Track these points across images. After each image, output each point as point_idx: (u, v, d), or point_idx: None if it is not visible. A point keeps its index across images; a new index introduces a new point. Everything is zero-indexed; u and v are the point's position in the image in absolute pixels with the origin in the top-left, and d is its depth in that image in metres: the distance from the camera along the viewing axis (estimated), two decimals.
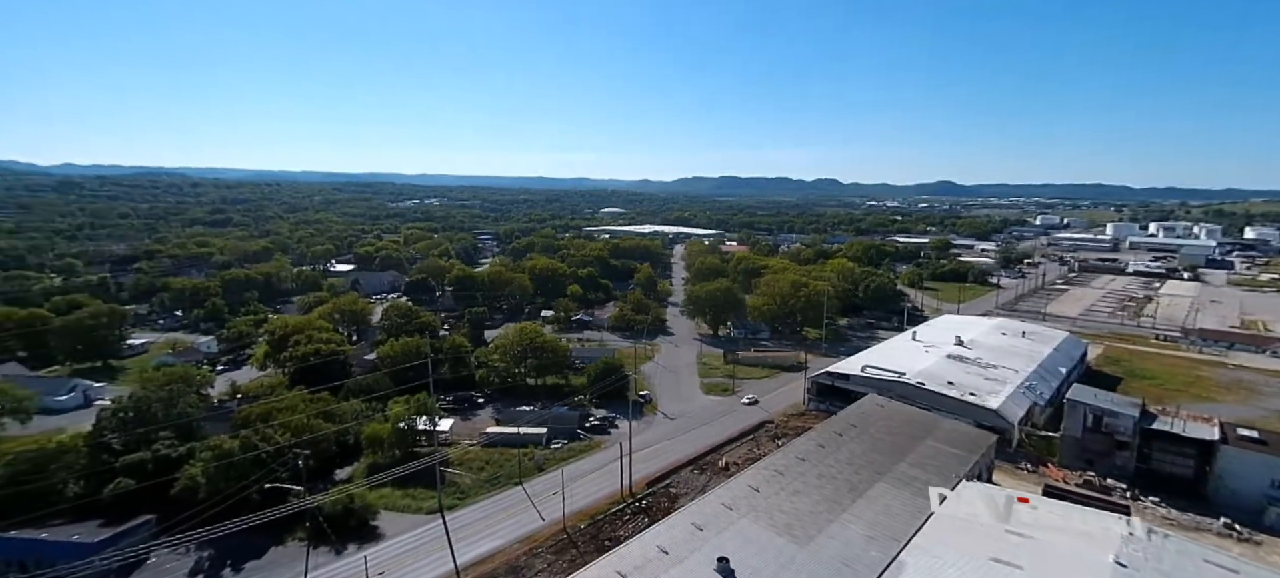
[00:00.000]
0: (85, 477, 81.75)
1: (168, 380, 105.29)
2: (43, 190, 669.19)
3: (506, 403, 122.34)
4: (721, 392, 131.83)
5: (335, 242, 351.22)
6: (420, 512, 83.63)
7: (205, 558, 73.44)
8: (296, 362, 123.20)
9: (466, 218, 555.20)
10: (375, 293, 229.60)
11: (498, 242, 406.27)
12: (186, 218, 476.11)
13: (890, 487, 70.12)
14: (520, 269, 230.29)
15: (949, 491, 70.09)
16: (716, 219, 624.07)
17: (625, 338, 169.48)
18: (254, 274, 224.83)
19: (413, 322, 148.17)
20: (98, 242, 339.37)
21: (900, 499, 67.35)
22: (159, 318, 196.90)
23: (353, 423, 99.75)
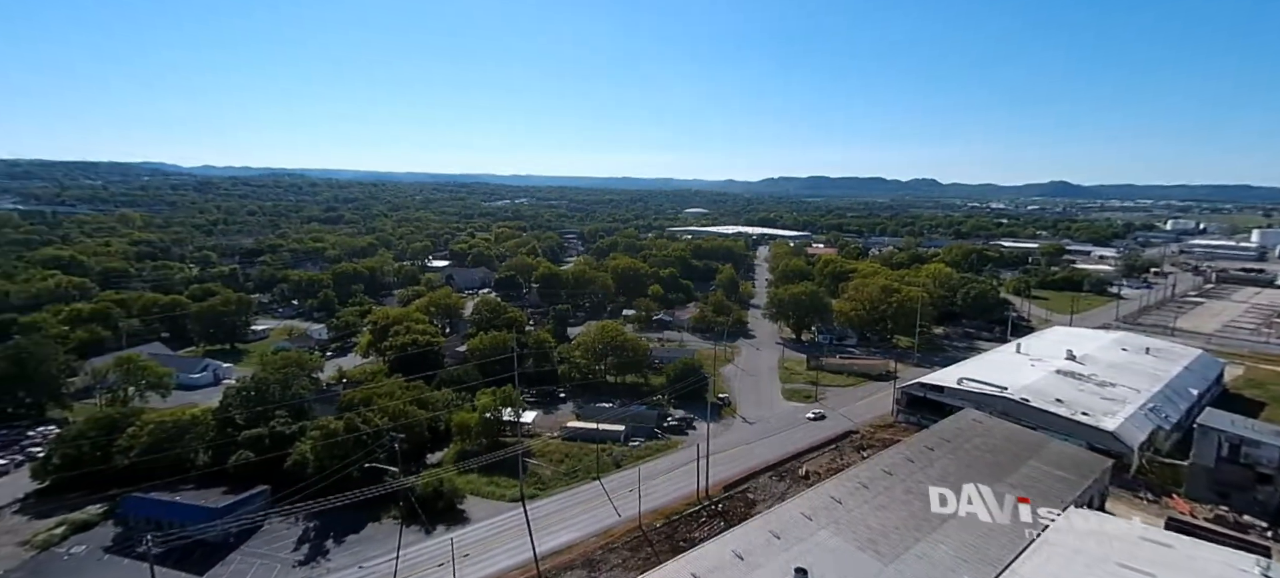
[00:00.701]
0: (212, 448, 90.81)
1: (284, 364, 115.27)
2: (185, 189, 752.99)
3: (587, 399, 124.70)
4: (803, 398, 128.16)
5: (433, 239, 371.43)
6: (503, 500, 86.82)
7: (311, 529, 79.67)
8: (395, 351, 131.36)
9: (553, 217, 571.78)
10: (467, 288, 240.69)
11: (582, 241, 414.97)
12: (304, 215, 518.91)
13: None
14: (603, 268, 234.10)
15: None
16: (803, 220, 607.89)
17: (705, 339, 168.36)
18: (360, 268, 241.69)
19: (501, 317, 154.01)
20: (229, 236, 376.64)
21: (999, 524, 62.74)
22: (278, 306, 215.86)
23: (444, 411, 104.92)
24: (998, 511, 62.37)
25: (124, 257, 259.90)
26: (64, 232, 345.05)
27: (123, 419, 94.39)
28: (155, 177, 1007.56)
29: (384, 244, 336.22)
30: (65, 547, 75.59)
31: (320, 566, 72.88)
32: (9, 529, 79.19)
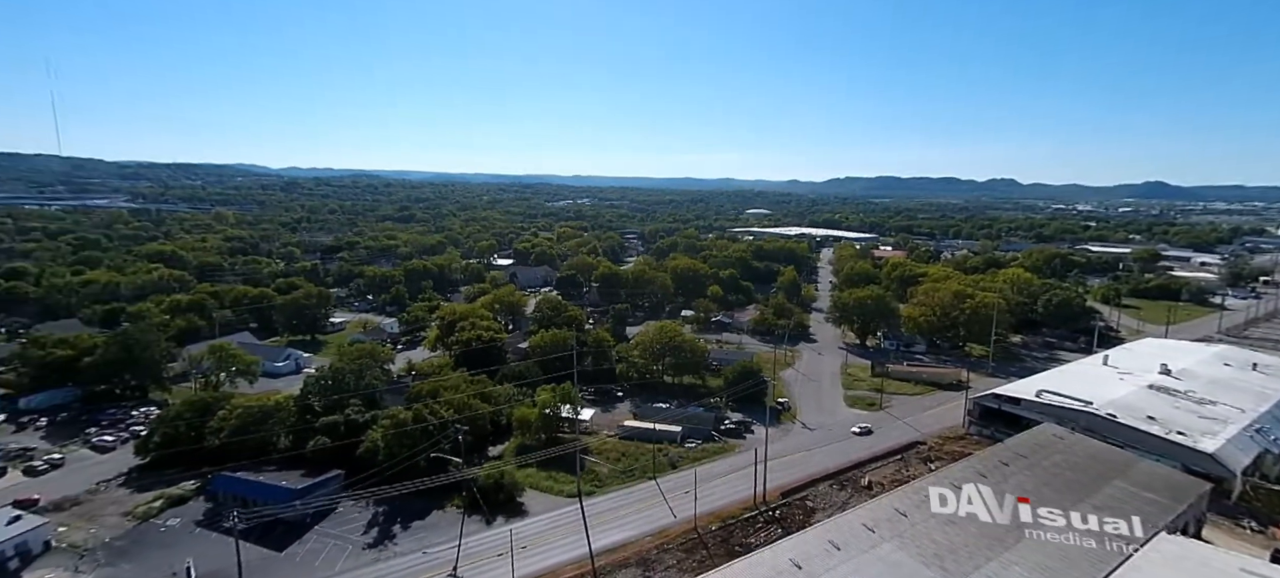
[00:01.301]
0: (292, 432, 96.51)
1: (358, 355, 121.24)
2: (273, 189, 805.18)
3: (644, 398, 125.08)
4: (867, 405, 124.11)
5: (498, 238, 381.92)
6: (560, 495, 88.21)
7: (380, 513, 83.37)
8: (461, 346, 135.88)
9: (614, 217, 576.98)
10: (529, 286, 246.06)
11: (642, 241, 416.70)
12: (379, 214, 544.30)
13: None
14: (662, 268, 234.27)
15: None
16: (870, 222, 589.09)
17: (765, 342, 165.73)
18: (430, 266, 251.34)
19: (561, 315, 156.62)
20: (311, 233, 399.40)
21: (1079, 547, 58.78)
22: (354, 301, 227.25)
23: (505, 405, 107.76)
24: (998, 511, 61.22)
25: (218, 252, 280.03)
26: (166, 228, 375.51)
27: (214, 403, 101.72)
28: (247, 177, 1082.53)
29: (452, 242, 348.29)
30: (162, 519, 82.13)
31: (388, 549, 76.17)
32: (114, 501, 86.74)
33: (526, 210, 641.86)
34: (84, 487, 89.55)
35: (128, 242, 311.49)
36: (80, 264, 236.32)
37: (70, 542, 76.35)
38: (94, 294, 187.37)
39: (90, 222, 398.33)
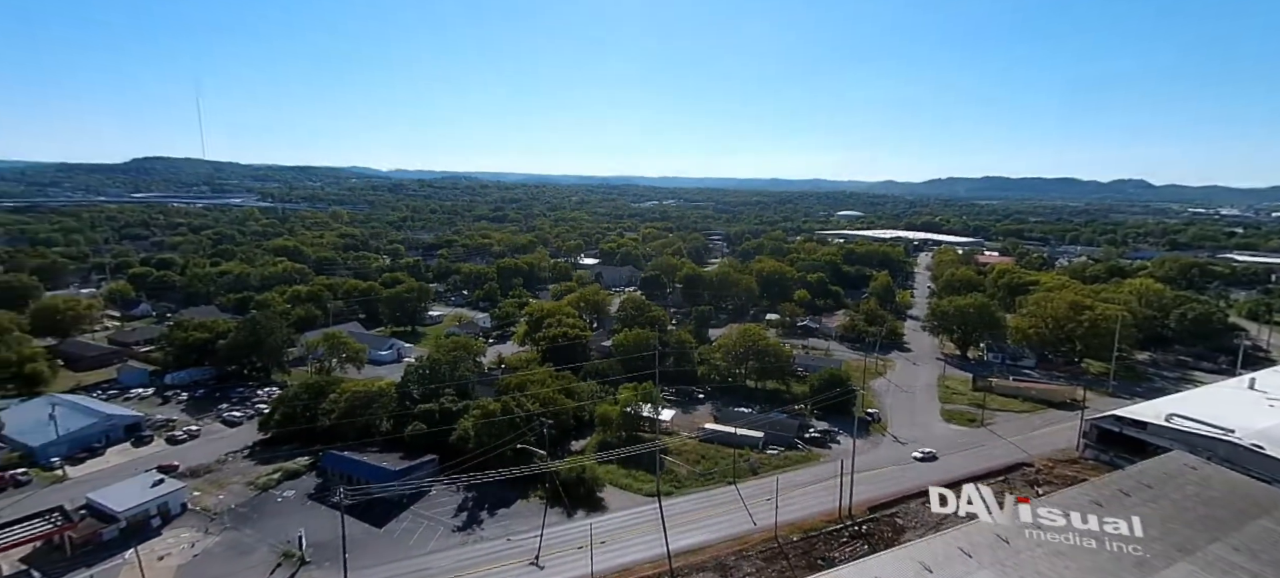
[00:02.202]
0: (393, 417, 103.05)
1: (453, 347, 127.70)
2: (381, 190, 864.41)
3: (725, 402, 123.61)
4: (966, 421, 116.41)
5: (584, 238, 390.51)
6: (639, 493, 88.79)
7: (469, 499, 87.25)
8: (547, 341, 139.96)
9: (699, 219, 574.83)
10: (614, 286, 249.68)
11: (727, 242, 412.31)
12: (475, 214, 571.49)
13: (1199, 573, 54.85)
14: (747, 271, 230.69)
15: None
16: (974, 225, 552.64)
17: (854, 350, 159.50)
18: (520, 264, 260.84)
19: (644, 315, 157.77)
20: (414, 231, 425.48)
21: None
22: (451, 295, 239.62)
23: (588, 401, 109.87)
24: (997, 511, 59.66)
25: (333, 247, 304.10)
26: (290, 225, 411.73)
27: (326, 386, 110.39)
28: (359, 179, 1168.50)
29: (542, 242, 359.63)
30: (279, 490, 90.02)
31: (474, 533, 79.61)
32: (239, 471, 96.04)
33: (613, 211, 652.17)
34: (215, 457, 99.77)
35: (257, 237, 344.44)
36: (217, 256, 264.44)
37: (202, 506, 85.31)
38: (228, 284, 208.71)
39: (226, 219, 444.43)
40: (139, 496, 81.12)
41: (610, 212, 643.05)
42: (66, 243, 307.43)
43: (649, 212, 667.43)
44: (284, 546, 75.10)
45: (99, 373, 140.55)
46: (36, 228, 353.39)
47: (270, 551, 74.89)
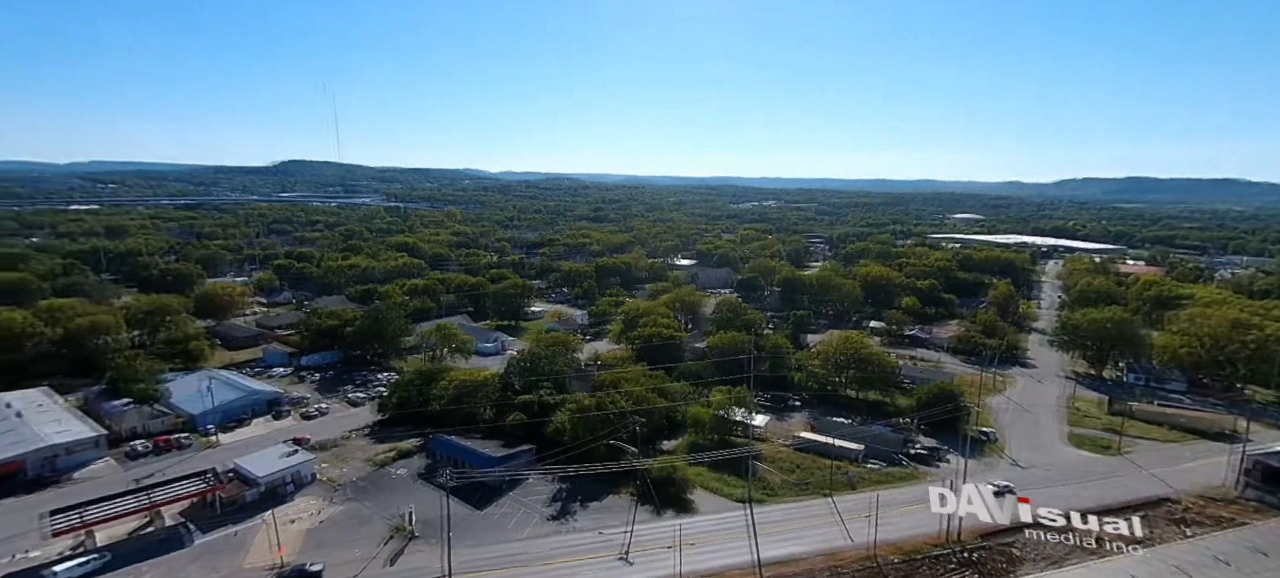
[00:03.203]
0: (495, 406, 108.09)
1: (552, 343, 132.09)
2: (491, 191, 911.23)
3: (822, 411, 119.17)
4: (1098, 448, 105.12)
5: (681, 238, 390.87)
6: (729, 498, 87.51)
7: (563, 490, 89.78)
8: (641, 340, 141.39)
9: (799, 221, 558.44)
10: (709, 287, 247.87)
11: (829, 245, 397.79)
12: (575, 214, 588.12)
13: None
14: (850, 275, 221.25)
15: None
16: (1113, 231, 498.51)
17: (968, 363, 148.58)
18: (617, 263, 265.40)
19: (739, 317, 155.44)
20: (518, 230, 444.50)
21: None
22: (551, 292, 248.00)
23: (680, 402, 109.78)
24: (997, 511, 60.12)
25: (446, 245, 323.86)
26: (409, 223, 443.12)
27: (436, 374, 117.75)
28: (470, 181, 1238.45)
29: (638, 242, 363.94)
30: (392, 468, 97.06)
31: (567, 523, 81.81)
32: (359, 448, 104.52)
33: (710, 212, 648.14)
34: (340, 433, 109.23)
35: (381, 234, 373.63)
36: (347, 251, 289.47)
37: (328, 477, 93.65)
38: (355, 276, 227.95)
39: (355, 216, 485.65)
40: (276, 464, 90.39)
41: (707, 213, 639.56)
42: (224, 236, 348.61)
43: (747, 213, 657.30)
44: (396, 520, 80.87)
45: (247, 352, 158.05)
46: (201, 223, 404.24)
47: (384, 523, 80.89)
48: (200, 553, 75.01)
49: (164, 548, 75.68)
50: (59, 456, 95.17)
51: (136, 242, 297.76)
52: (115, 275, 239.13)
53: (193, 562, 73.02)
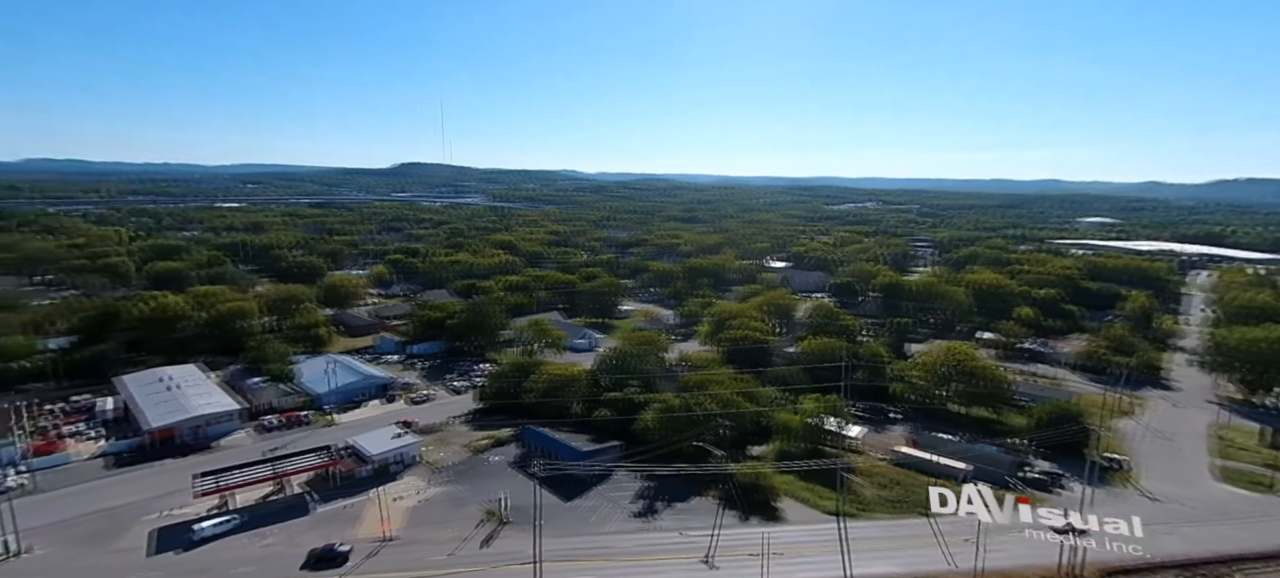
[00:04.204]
0: (583, 401, 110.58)
1: (641, 341, 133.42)
2: (586, 191, 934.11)
3: (923, 425, 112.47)
4: (1253, 484, 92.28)
5: (773, 240, 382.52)
6: (818, 509, 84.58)
7: (648, 488, 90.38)
8: (730, 343, 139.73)
9: (901, 223, 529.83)
10: (802, 291, 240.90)
11: (935, 250, 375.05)
12: (667, 215, 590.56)
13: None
14: (957, 282, 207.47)
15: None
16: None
17: (1094, 382, 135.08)
18: (708, 264, 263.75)
19: (833, 323, 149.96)
20: (611, 230, 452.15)
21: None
22: (641, 292, 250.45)
23: (769, 407, 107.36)
24: (998, 511, 60.25)
25: (542, 243, 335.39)
26: (509, 222, 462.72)
27: (530, 367, 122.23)
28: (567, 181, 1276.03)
29: (730, 243, 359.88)
30: (488, 455, 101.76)
31: (651, 521, 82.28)
32: (458, 434, 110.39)
33: (806, 213, 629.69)
34: (442, 419, 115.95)
35: (483, 232, 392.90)
36: (452, 248, 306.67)
37: (430, 459, 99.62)
38: (459, 272, 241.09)
39: (461, 215, 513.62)
40: (386, 444, 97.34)
41: (802, 214, 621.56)
42: (347, 233, 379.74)
43: (845, 215, 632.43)
44: (490, 505, 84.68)
45: (363, 339, 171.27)
46: (327, 220, 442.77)
47: (479, 507, 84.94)
48: (319, 521, 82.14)
49: (289, 514, 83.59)
50: (207, 425, 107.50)
51: (273, 237, 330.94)
52: (254, 266, 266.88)
53: (312, 529, 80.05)
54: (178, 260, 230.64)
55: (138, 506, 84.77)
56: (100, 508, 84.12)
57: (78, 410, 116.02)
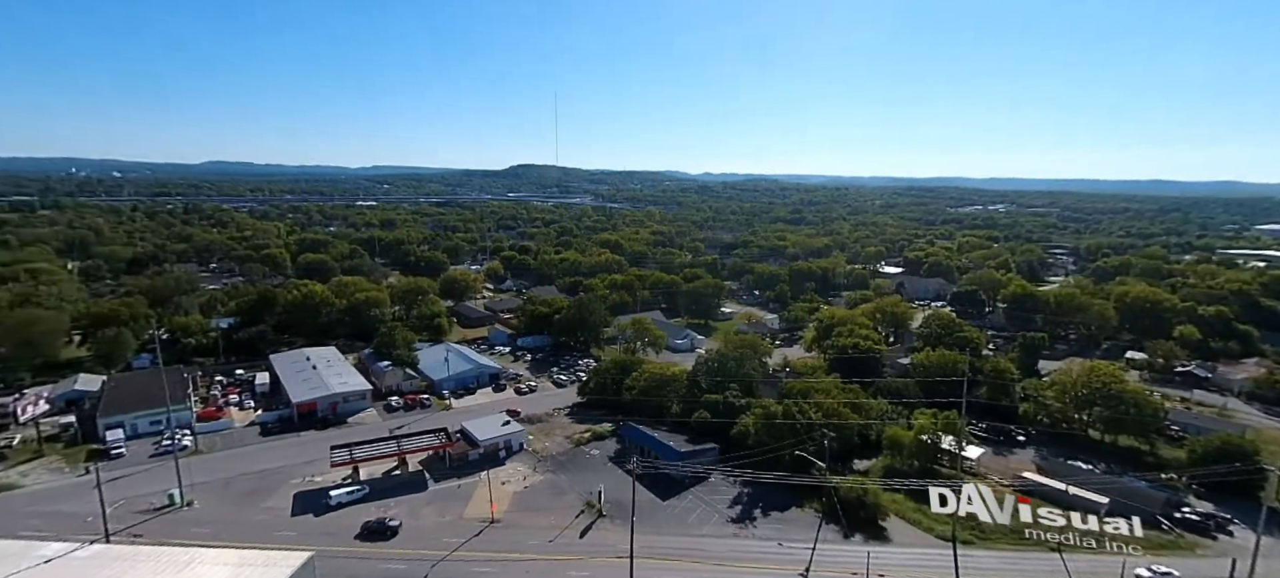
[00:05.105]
0: (682, 402, 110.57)
1: (741, 345, 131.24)
2: (690, 192, 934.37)
3: (1055, 450, 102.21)
4: None
5: (887, 244, 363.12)
6: (930, 533, 79.25)
7: (745, 494, 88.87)
8: (836, 351, 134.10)
9: (1036, 227, 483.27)
10: (918, 298, 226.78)
11: (1075, 258, 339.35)
12: (772, 216, 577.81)
13: None
14: (1102, 294, 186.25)
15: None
16: None
17: (1271, 414, 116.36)
18: (814, 267, 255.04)
19: (953, 334, 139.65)
20: (714, 231, 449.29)
21: None
22: (743, 294, 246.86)
23: (877, 421, 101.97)
24: (998, 511, 60.20)
25: (645, 243, 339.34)
26: (614, 222, 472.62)
27: (631, 365, 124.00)
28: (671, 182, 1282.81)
29: (839, 246, 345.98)
30: (587, 448, 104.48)
31: (747, 529, 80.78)
32: (561, 426, 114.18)
33: (925, 216, 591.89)
34: (546, 410, 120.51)
35: (588, 231, 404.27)
36: (560, 245, 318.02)
37: (534, 448, 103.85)
38: (565, 269, 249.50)
39: (569, 215, 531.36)
40: (495, 431, 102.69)
41: (921, 216, 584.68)
42: (465, 230, 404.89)
43: (970, 217, 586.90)
44: (588, 497, 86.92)
45: (477, 331, 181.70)
46: (448, 218, 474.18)
47: (578, 498, 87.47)
48: (433, 498, 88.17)
49: (408, 488, 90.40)
50: (342, 402, 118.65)
51: (402, 233, 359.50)
52: (386, 259, 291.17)
53: (428, 504, 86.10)
54: (322, 253, 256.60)
55: (283, 471, 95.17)
56: (253, 470, 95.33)
57: (237, 383, 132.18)
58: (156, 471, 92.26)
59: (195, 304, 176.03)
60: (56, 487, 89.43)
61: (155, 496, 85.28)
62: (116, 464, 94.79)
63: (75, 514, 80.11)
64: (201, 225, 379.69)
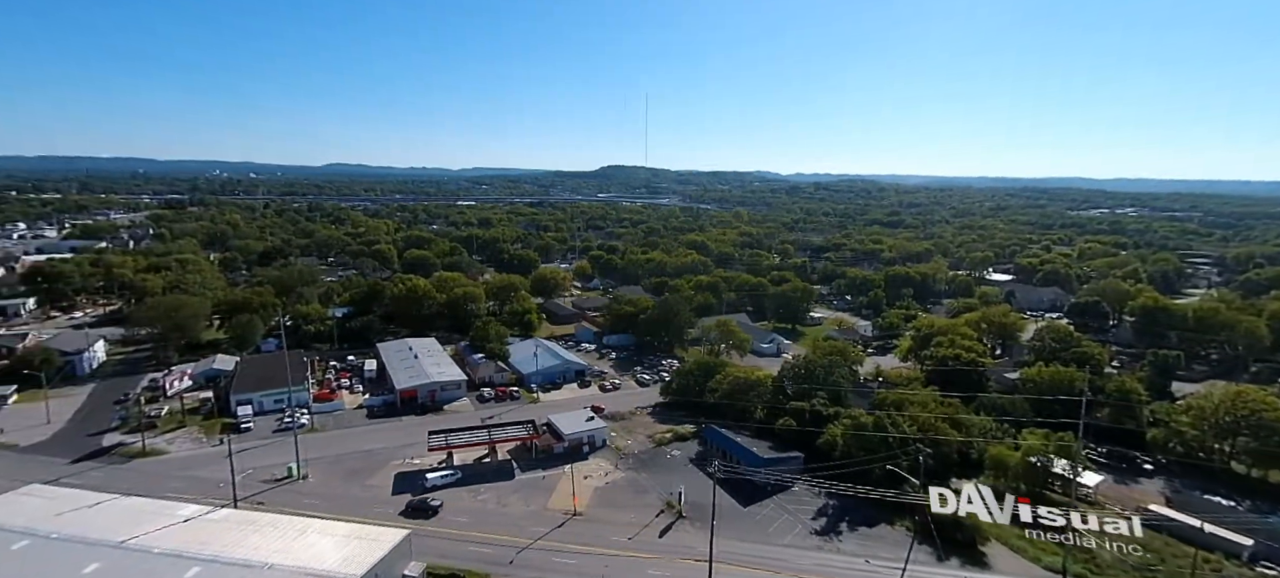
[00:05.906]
0: (766, 407, 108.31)
1: (830, 351, 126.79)
2: (779, 193, 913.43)
3: (1189, 483, 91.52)
4: None
5: (996, 249, 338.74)
6: (1036, 563, 73.33)
7: (830, 506, 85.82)
8: (935, 362, 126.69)
9: (1173, 234, 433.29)
10: (1030, 309, 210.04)
11: (1220, 269, 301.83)
12: (867, 218, 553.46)
13: None
14: (1251, 310, 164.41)
15: None
16: None
17: None
18: (913, 273, 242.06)
19: (1070, 349, 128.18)
20: (805, 233, 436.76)
21: None
22: (834, 299, 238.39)
23: (979, 438, 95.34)
24: (997, 511, 58.19)
25: (732, 244, 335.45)
26: (700, 223, 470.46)
27: (714, 367, 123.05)
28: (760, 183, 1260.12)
29: (941, 251, 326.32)
30: (668, 448, 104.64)
31: (832, 542, 77.98)
32: (643, 424, 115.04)
33: (1040, 219, 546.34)
34: (629, 408, 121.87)
35: (675, 232, 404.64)
36: (646, 246, 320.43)
37: (616, 445, 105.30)
38: (651, 269, 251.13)
39: (656, 216, 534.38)
40: (579, 426, 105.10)
41: (1036, 220, 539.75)
42: (556, 229, 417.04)
43: (1093, 222, 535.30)
44: (668, 497, 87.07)
45: (565, 327, 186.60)
46: (540, 217, 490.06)
47: (658, 497, 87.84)
48: (520, 487, 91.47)
49: (497, 476, 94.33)
50: (440, 390, 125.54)
51: (497, 231, 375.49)
52: (482, 256, 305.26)
53: (515, 493, 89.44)
54: (425, 249, 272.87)
55: (386, 451, 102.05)
56: (360, 450, 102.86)
57: (348, 368, 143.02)
58: (278, 445, 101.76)
59: (315, 294, 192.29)
60: (195, 454, 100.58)
61: (277, 467, 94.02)
62: (245, 437, 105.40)
63: (209, 480, 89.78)
64: (322, 222, 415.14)
